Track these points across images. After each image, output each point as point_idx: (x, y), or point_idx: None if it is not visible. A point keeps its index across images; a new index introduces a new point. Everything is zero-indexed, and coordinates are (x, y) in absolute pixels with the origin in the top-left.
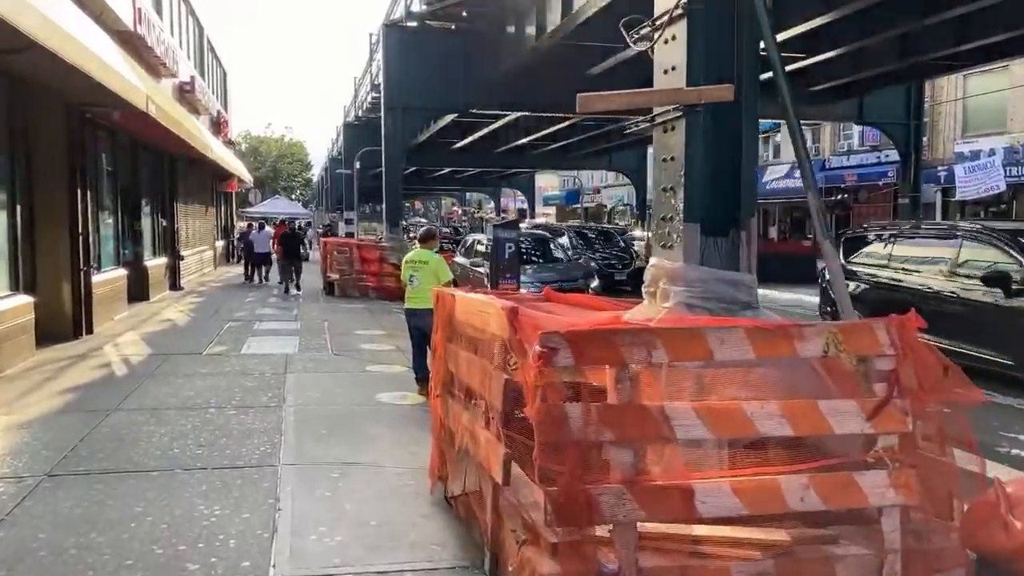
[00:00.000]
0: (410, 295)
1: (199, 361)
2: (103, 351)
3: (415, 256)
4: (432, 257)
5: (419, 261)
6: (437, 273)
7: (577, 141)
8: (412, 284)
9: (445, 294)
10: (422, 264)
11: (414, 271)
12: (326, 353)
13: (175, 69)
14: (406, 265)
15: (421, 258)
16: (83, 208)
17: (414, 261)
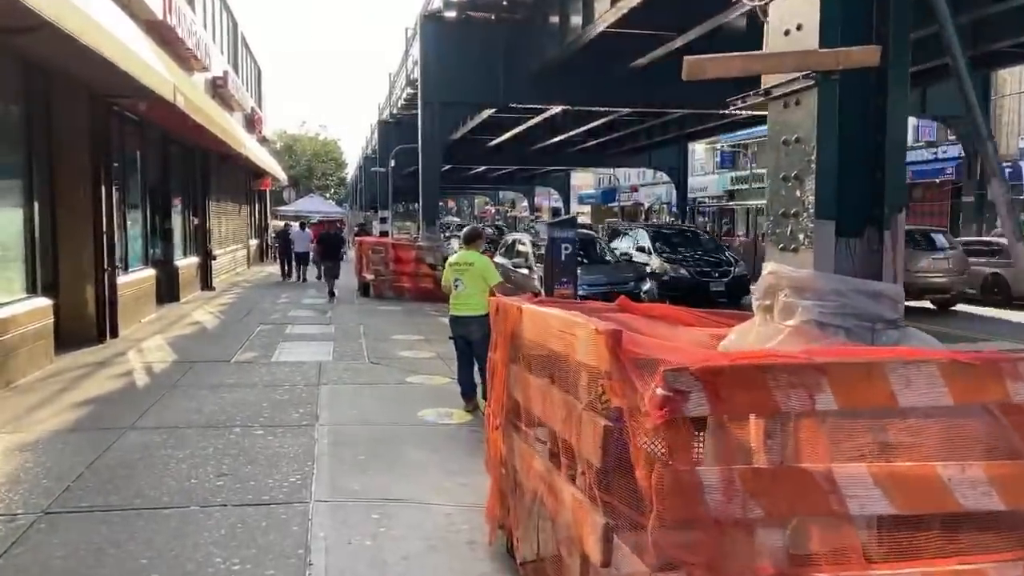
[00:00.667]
0: (455, 300)
1: (226, 370)
2: (126, 358)
3: (460, 258)
4: (479, 258)
5: (464, 263)
6: (485, 276)
7: (615, 138)
8: (457, 288)
9: (508, 305)
10: (467, 266)
11: (459, 274)
12: (362, 361)
13: (207, 63)
14: (450, 267)
15: (466, 260)
16: (108, 205)
17: (459, 263)
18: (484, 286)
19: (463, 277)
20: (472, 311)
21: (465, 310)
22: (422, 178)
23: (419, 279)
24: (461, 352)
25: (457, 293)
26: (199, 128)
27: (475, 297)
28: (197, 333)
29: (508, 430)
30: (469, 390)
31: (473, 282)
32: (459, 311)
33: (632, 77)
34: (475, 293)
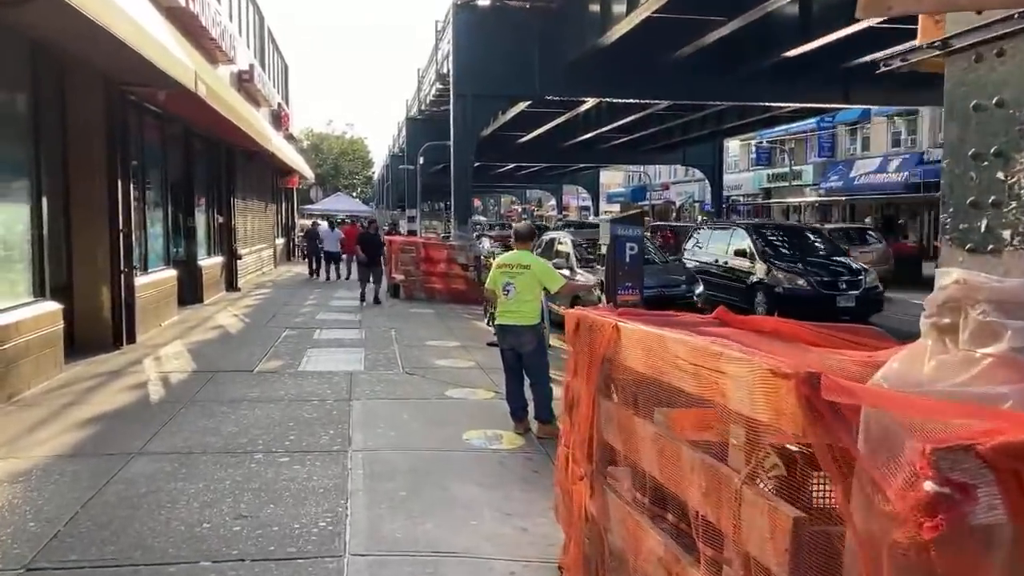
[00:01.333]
0: (504, 307)
1: (249, 381)
2: (141, 366)
3: (512, 258)
4: (534, 260)
5: (517, 265)
6: (542, 280)
7: (648, 134)
8: (507, 294)
9: (598, 320)
10: (521, 269)
11: (510, 278)
12: (396, 371)
13: (232, 55)
14: (499, 270)
15: (520, 261)
16: (125, 202)
17: (510, 265)
18: (538, 292)
19: (516, 281)
20: (524, 320)
21: (516, 319)
22: (454, 174)
23: (451, 280)
24: (510, 366)
25: (506, 299)
26: (223, 121)
27: (528, 304)
28: (219, 338)
29: (599, 483)
30: (519, 410)
31: (527, 287)
32: (509, 320)
33: (674, 68)
34: (528, 300)
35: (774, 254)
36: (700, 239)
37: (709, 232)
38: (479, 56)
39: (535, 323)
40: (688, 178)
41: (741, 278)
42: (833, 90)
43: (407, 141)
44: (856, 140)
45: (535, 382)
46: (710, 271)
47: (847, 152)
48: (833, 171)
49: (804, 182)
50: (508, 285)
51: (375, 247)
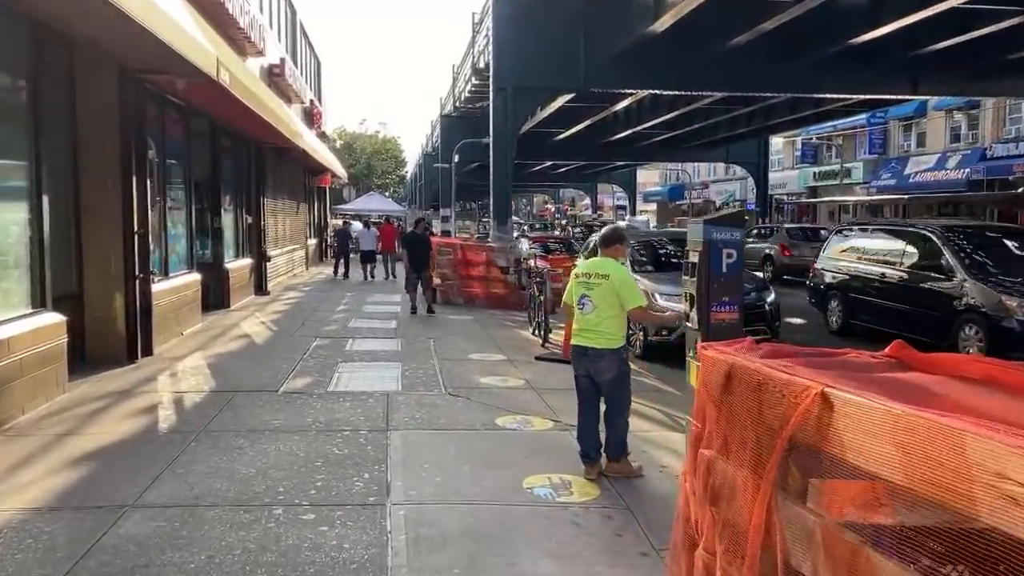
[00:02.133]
0: (579, 326)
1: (272, 404)
2: (154, 385)
3: (590, 267)
4: (615, 269)
5: (596, 275)
6: (621, 294)
7: (692, 131)
8: (583, 309)
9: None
10: (600, 280)
11: (587, 289)
12: (437, 392)
13: (262, 46)
14: (576, 280)
15: (600, 270)
16: (141, 201)
17: (588, 274)
18: (619, 308)
19: (592, 294)
20: (604, 343)
21: (594, 340)
22: (493, 171)
23: (490, 284)
24: (585, 396)
25: (582, 316)
26: (250, 115)
27: (608, 323)
28: (244, 349)
29: None
30: (592, 451)
31: (605, 302)
32: (585, 341)
33: (729, 58)
34: (608, 318)
35: (987, 270)
36: (843, 243)
37: (858, 235)
38: (520, 47)
39: (617, 346)
40: (729, 176)
41: (934, 301)
42: (900, 80)
43: (441, 139)
44: (910, 136)
45: (611, 413)
46: (867, 288)
47: (900, 149)
48: (885, 168)
49: (854, 180)
50: (584, 298)
51: (422, 251)
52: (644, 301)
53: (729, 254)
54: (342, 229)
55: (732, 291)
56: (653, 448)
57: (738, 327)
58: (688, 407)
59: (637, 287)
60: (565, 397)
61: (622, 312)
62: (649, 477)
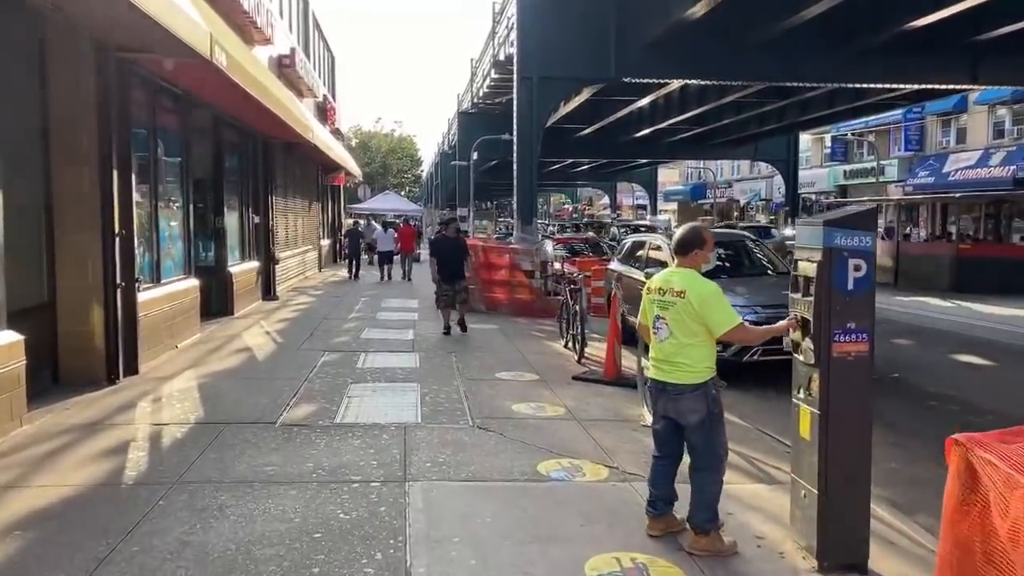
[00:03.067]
0: (656, 354)
1: (267, 441)
2: (130, 415)
3: (663, 280)
4: (696, 284)
5: (672, 290)
6: (705, 316)
7: (721, 127)
8: (657, 334)
9: None
10: (675, 298)
11: (661, 309)
12: (464, 424)
13: (269, 34)
14: (648, 297)
15: (675, 284)
16: (124, 198)
17: (662, 290)
18: (703, 332)
19: (667, 316)
20: (684, 376)
21: (671, 373)
22: (517, 166)
23: (514, 289)
24: (663, 439)
25: (658, 343)
26: (256, 106)
27: (689, 352)
28: (242, 367)
29: None
30: (660, 501)
31: (683, 326)
32: (661, 374)
33: (770, 46)
34: (688, 345)
35: None
36: None
37: None
38: (546, 34)
39: (702, 380)
40: (754, 175)
41: None
42: (957, 68)
43: (458, 137)
44: (950, 132)
45: (699, 468)
46: None
47: (938, 145)
48: (923, 166)
49: (888, 178)
50: (658, 321)
51: (456, 258)
52: (737, 319)
53: (858, 266)
54: (353, 230)
55: (861, 315)
56: (741, 509)
57: (867, 363)
58: (779, 453)
59: (726, 302)
60: (615, 431)
61: (708, 336)
62: (746, 556)
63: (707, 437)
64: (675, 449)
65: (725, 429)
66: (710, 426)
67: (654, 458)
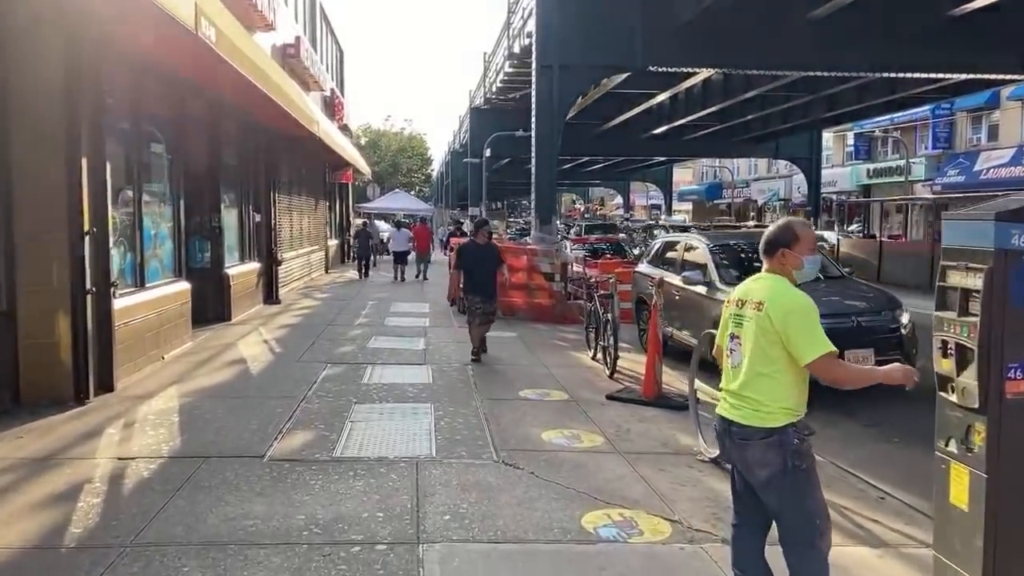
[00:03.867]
0: (727, 384)
1: (251, 484)
2: (93, 446)
3: (746, 290)
4: (780, 294)
5: (751, 301)
6: (786, 335)
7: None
8: (731, 357)
9: None
10: (752, 311)
11: (736, 327)
12: (487, 458)
13: (271, 19)
14: (727, 311)
15: (755, 293)
16: (97, 191)
17: (742, 302)
18: (783, 359)
19: (743, 334)
20: (753, 417)
21: (738, 410)
22: (535, 162)
23: (532, 293)
24: (739, 501)
25: (733, 367)
26: (255, 94)
27: (761, 383)
28: (233, 382)
29: None
30: None
31: (755, 348)
32: (728, 409)
33: (807, 33)
34: (761, 374)
35: None
36: None
37: None
38: (568, 19)
39: (775, 425)
40: (771, 174)
41: None
42: (1008, 57)
43: (470, 134)
44: (981, 129)
45: (786, 542)
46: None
47: (968, 143)
48: (952, 164)
49: (915, 177)
50: (733, 341)
51: (489, 268)
52: (827, 346)
53: None
54: (362, 229)
55: None
56: None
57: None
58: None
59: (816, 322)
60: (669, 469)
61: (790, 366)
62: None
63: (788, 501)
64: (756, 512)
65: (819, 491)
66: (791, 487)
67: (733, 525)
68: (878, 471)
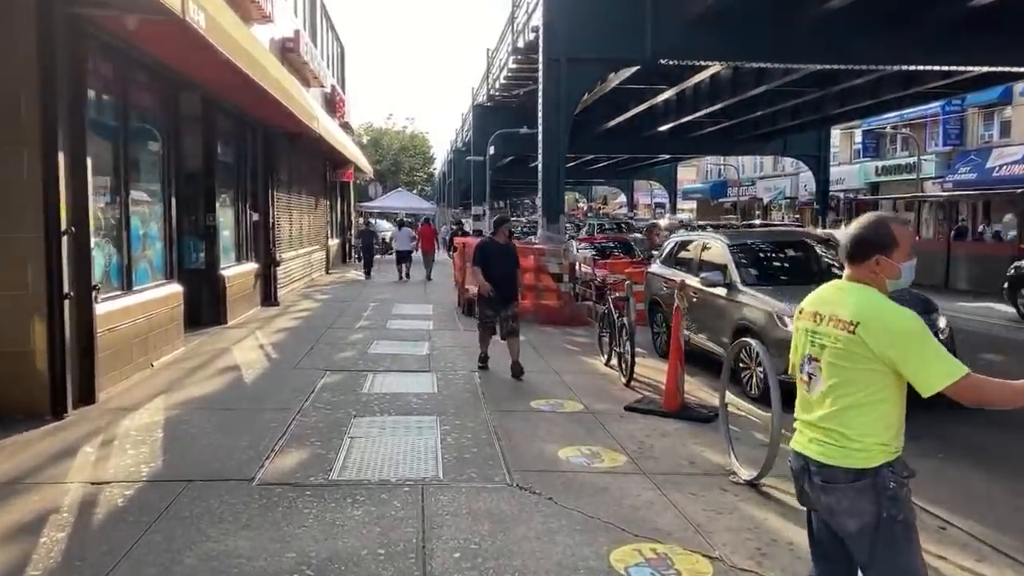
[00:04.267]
0: (802, 413)
1: (236, 515)
2: (65, 468)
3: (821, 301)
4: (879, 312)
5: (834, 318)
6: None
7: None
8: (808, 384)
9: None
10: (839, 330)
11: (813, 347)
12: (499, 481)
13: (269, 10)
14: (800, 326)
15: (841, 309)
16: (75, 187)
17: (819, 316)
18: (882, 389)
19: (822, 358)
20: (840, 456)
21: (821, 446)
22: (542, 159)
23: (540, 294)
24: (818, 550)
25: (806, 396)
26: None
27: (851, 416)
28: (225, 393)
29: None
30: None
31: (843, 374)
32: (806, 444)
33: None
34: (851, 406)
35: None
36: None
37: None
38: (576, 10)
39: (868, 466)
40: (777, 172)
41: None
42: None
43: (473, 131)
44: (992, 125)
45: None
46: None
47: (980, 139)
48: (963, 161)
49: (925, 174)
50: (809, 363)
51: (508, 273)
52: (963, 368)
53: None
54: (365, 229)
55: None
56: None
57: None
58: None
59: (934, 339)
60: (701, 492)
61: (888, 393)
62: None
63: (879, 556)
64: (839, 559)
65: (918, 548)
66: (884, 542)
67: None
68: (930, 493)
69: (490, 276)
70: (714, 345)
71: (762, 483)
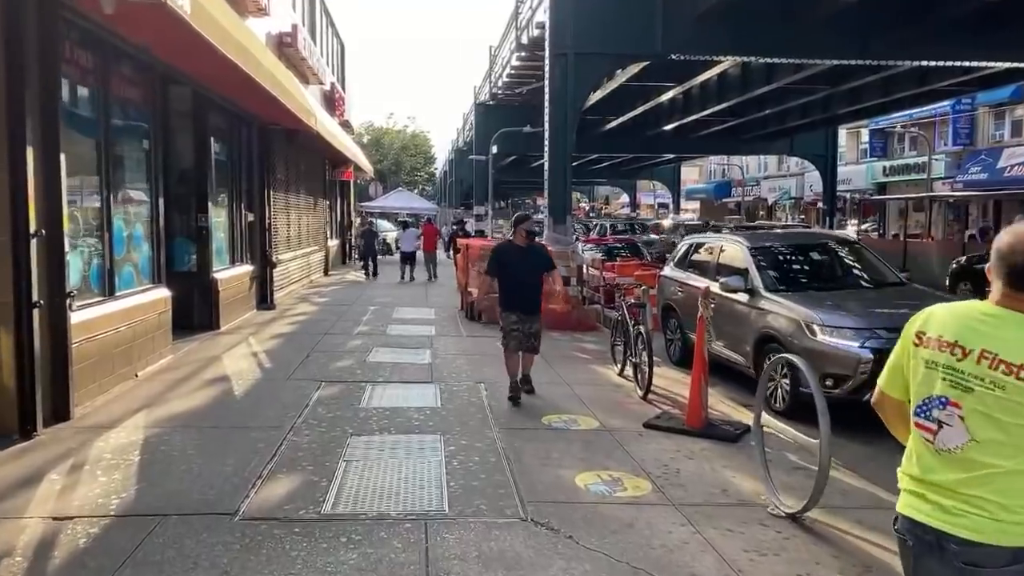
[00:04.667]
0: (929, 473)
1: (213, 560)
2: (26, 498)
3: (964, 329)
4: None
5: (988, 355)
6: None
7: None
8: (937, 435)
9: None
10: (996, 373)
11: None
12: (512, 514)
13: (264, 3)
14: (920, 353)
15: (1000, 346)
16: (48, 185)
17: (958, 348)
18: None
19: (977, 406)
20: (995, 532)
21: (964, 517)
22: (549, 157)
23: (546, 298)
24: None
25: (936, 449)
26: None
27: (1012, 481)
28: (211, 407)
29: None
30: None
31: (1006, 431)
32: (948, 518)
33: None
34: (1018, 469)
35: None
36: None
37: None
38: (584, 4)
39: None
40: (782, 172)
41: None
42: None
43: (475, 130)
44: (1003, 124)
45: None
46: None
47: (991, 139)
48: (973, 161)
49: (934, 175)
50: (940, 404)
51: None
52: None
53: None
54: (367, 229)
55: None
56: None
57: None
58: None
59: None
60: (738, 527)
61: None
62: None
63: None
64: None
65: None
66: None
67: None
68: None
69: (511, 285)
70: (733, 353)
71: (804, 516)
